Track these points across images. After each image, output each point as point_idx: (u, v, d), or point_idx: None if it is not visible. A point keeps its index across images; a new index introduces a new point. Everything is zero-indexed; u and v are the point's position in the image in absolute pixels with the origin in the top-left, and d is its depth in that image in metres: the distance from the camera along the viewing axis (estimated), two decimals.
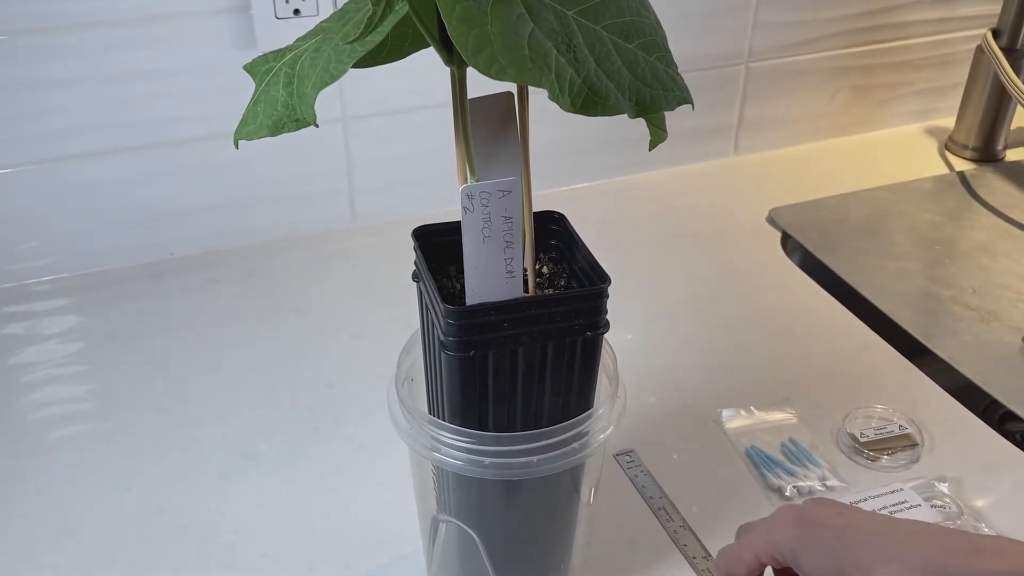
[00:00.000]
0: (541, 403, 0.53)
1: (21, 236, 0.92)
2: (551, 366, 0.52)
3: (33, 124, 0.87)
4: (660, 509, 0.69)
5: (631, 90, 0.42)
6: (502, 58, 0.39)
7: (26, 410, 0.79)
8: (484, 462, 0.52)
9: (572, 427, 0.53)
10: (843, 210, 1.07)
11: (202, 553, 0.67)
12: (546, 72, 0.40)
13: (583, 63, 0.41)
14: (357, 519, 0.69)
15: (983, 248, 1.01)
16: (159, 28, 0.87)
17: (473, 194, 0.47)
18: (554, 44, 0.40)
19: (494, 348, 0.50)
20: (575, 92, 0.40)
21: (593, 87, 0.41)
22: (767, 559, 0.50)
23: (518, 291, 0.50)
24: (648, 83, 0.42)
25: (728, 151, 1.17)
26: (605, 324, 0.52)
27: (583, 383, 0.54)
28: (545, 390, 0.53)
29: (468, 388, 0.51)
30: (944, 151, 1.20)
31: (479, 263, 0.49)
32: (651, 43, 0.43)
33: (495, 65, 0.39)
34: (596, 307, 0.51)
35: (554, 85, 0.40)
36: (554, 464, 0.53)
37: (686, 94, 0.44)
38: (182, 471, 0.73)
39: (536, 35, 0.40)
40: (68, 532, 0.68)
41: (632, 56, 0.42)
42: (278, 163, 0.97)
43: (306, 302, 0.91)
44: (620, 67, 0.41)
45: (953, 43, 1.20)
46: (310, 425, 0.77)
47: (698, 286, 0.94)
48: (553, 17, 0.41)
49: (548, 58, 0.40)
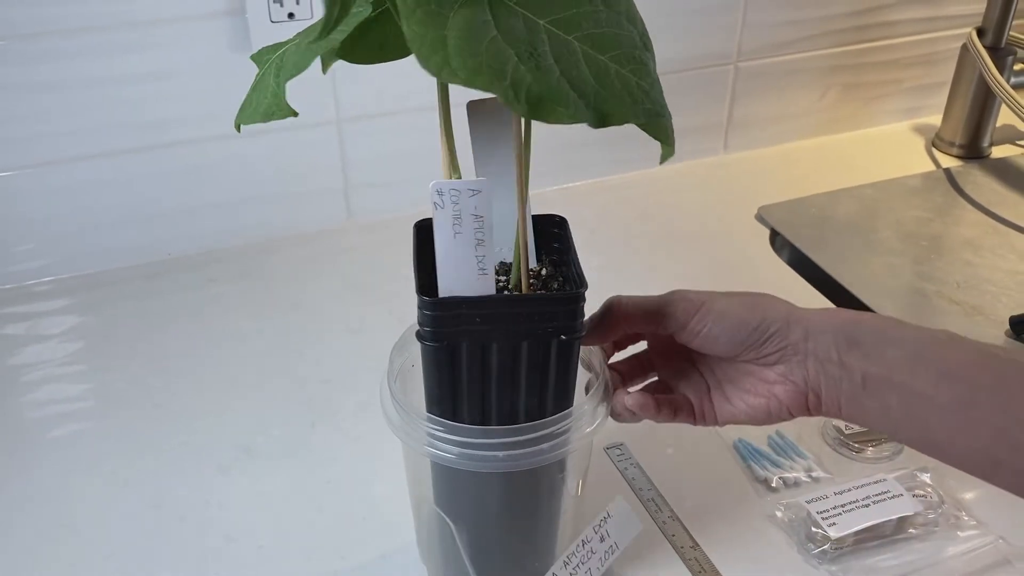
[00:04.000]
0: (516, 400, 0.54)
1: (20, 237, 0.93)
2: (526, 365, 0.52)
3: (32, 126, 0.88)
4: (649, 501, 0.71)
5: (596, 100, 0.42)
6: (453, 62, 0.40)
7: (26, 409, 0.80)
8: (473, 455, 0.53)
9: (545, 426, 0.54)
10: (831, 207, 1.08)
11: (200, 546, 0.68)
12: (500, 78, 0.40)
13: (546, 71, 0.41)
14: (353, 511, 0.70)
15: (968, 243, 1.03)
16: (155, 31, 0.88)
17: (443, 191, 0.47)
18: (516, 51, 0.40)
19: (466, 341, 0.51)
20: (532, 99, 0.40)
21: (553, 95, 0.41)
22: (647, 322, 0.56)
23: (490, 289, 0.51)
24: (616, 95, 0.42)
25: (718, 149, 1.18)
26: (580, 328, 0.52)
27: (559, 385, 0.54)
28: (520, 388, 0.53)
29: (441, 378, 0.52)
30: (931, 148, 1.22)
31: (451, 259, 0.50)
32: (626, 55, 0.43)
33: (446, 69, 0.40)
34: (572, 311, 0.52)
35: (508, 91, 0.40)
36: (528, 460, 0.54)
37: (658, 107, 0.44)
38: (180, 465, 0.74)
39: (497, 41, 0.40)
40: (67, 526, 0.69)
41: (602, 67, 0.42)
42: (274, 162, 0.98)
43: (302, 299, 0.93)
44: (587, 77, 0.42)
45: (939, 42, 1.22)
46: (307, 420, 0.78)
47: (688, 283, 0.94)
48: (521, 25, 0.41)
49: (506, 64, 0.40)
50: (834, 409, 0.54)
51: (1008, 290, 0.94)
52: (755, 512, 0.70)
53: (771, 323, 0.54)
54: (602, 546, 0.54)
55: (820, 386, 0.54)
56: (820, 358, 0.53)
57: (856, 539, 0.66)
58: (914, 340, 0.52)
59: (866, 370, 0.52)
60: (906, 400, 0.51)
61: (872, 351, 0.52)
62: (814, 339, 0.54)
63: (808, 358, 0.54)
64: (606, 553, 0.54)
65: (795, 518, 0.68)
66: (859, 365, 0.52)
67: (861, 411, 0.53)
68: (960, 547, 0.67)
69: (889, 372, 0.51)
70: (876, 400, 0.52)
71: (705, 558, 0.66)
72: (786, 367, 0.54)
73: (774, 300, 0.56)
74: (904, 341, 0.52)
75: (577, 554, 0.53)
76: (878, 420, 0.53)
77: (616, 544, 0.54)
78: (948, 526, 0.68)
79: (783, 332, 0.54)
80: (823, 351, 0.53)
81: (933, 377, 0.51)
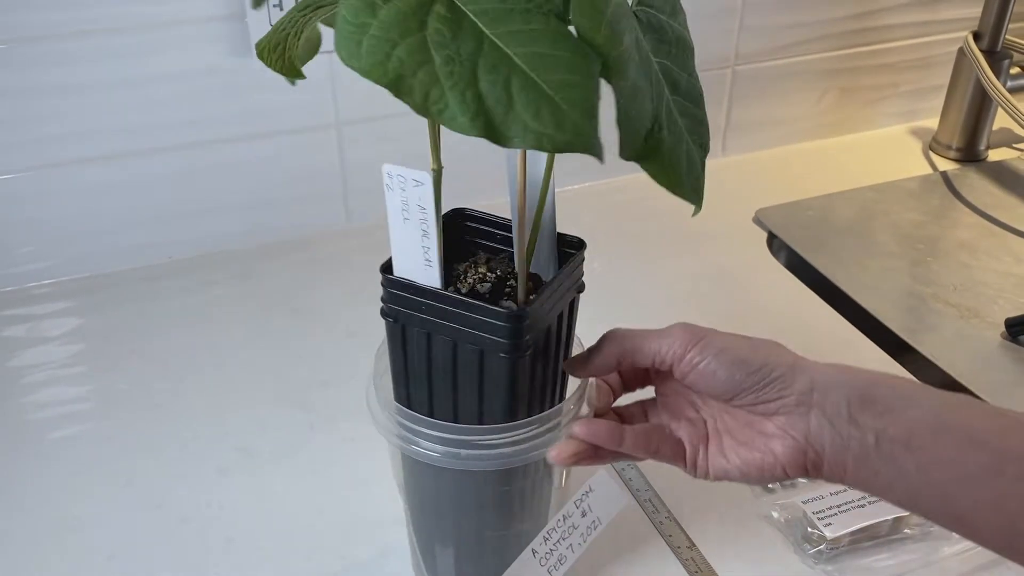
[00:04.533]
0: (456, 399, 0.54)
1: (22, 240, 0.93)
2: (464, 369, 0.52)
3: (33, 130, 0.89)
4: (646, 501, 0.71)
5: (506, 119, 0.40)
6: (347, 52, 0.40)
7: (27, 410, 0.80)
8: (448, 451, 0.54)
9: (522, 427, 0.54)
10: (828, 210, 1.09)
11: (200, 546, 0.68)
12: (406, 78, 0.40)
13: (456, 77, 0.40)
14: (352, 512, 0.71)
15: (965, 246, 1.03)
16: (156, 35, 0.88)
17: (392, 174, 0.48)
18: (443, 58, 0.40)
19: (413, 327, 0.52)
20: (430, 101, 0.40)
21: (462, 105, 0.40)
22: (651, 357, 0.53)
23: (434, 281, 0.51)
24: (537, 117, 0.40)
25: (715, 152, 1.19)
26: (517, 349, 0.51)
27: (498, 399, 0.53)
28: (458, 388, 0.53)
29: (395, 356, 0.54)
30: (928, 151, 1.22)
31: (401, 244, 0.50)
32: (568, 82, 0.40)
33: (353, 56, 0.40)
34: (513, 330, 0.50)
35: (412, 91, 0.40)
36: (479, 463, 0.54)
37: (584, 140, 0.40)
38: (181, 467, 0.75)
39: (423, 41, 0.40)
40: (69, 527, 0.70)
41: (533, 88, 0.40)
42: (274, 167, 0.98)
43: (301, 302, 0.93)
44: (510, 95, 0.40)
45: (936, 46, 1.23)
46: (305, 422, 0.79)
47: (685, 285, 0.96)
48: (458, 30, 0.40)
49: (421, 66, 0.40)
50: (838, 471, 0.50)
51: (1004, 292, 0.95)
52: (751, 512, 0.70)
53: (774, 367, 0.51)
54: (584, 521, 0.51)
55: (823, 444, 0.50)
56: (827, 413, 0.49)
57: (852, 539, 0.67)
58: (935, 402, 0.49)
59: (881, 430, 0.48)
60: (926, 466, 0.47)
61: (889, 410, 0.48)
62: (822, 392, 0.50)
63: (812, 411, 0.50)
64: (588, 528, 0.50)
65: (791, 518, 0.69)
66: (873, 424, 0.48)
67: (872, 475, 0.49)
68: (955, 547, 0.67)
69: (908, 434, 0.48)
70: (890, 465, 0.48)
71: (702, 558, 0.67)
72: (787, 419, 0.50)
73: (781, 347, 0.53)
74: (924, 402, 0.49)
75: (558, 529, 0.50)
76: (890, 486, 0.49)
77: (599, 519, 0.51)
78: None
79: (787, 379, 0.50)
80: (831, 406, 0.49)
81: (958, 442, 0.47)
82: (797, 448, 0.50)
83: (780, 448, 0.50)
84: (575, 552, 0.49)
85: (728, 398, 0.52)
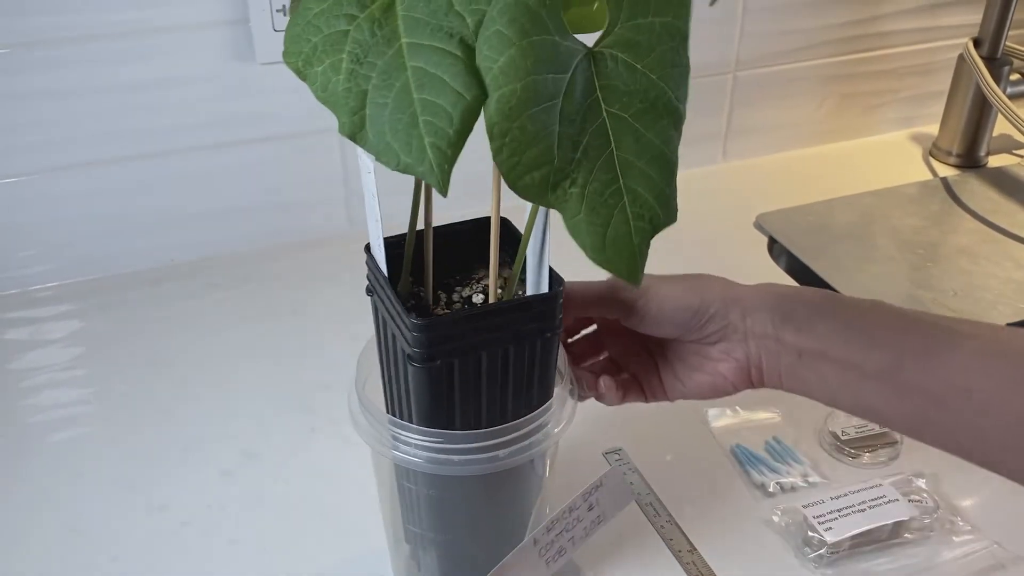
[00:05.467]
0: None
1: (23, 243, 0.93)
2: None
3: (36, 134, 0.89)
4: (647, 505, 0.71)
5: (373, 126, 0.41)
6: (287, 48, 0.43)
7: (29, 413, 0.80)
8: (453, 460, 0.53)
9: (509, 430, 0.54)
10: (829, 215, 1.09)
11: (203, 549, 0.68)
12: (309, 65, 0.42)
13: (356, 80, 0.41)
14: (354, 514, 0.71)
15: (965, 252, 1.03)
16: (159, 40, 0.89)
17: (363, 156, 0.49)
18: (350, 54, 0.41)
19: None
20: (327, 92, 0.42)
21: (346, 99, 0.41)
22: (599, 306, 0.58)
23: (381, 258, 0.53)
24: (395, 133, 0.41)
25: (716, 158, 1.19)
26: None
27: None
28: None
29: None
30: (928, 157, 1.23)
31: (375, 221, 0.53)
32: (435, 106, 0.40)
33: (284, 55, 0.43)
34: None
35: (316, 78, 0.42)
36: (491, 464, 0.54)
37: (424, 168, 0.40)
38: (183, 470, 0.75)
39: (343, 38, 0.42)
40: (72, 530, 0.70)
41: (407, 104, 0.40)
42: (277, 170, 0.99)
43: (304, 306, 0.93)
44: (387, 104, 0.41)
45: (936, 52, 1.23)
46: (307, 425, 0.79)
47: None
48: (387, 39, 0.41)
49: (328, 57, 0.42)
50: (775, 381, 0.57)
51: (1004, 298, 0.95)
52: (752, 516, 0.70)
53: (710, 304, 0.57)
54: (590, 515, 0.51)
55: (761, 361, 0.56)
56: (757, 335, 0.56)
57: (852, 544, 0.67)
58: (844, 312, 0.55)
59: (800, 344, 0.55)
60: (839, 371, 0.54)
61: (804, 325, 0.55)
62: (751, 317, 0.56)
63: (748, 336, 0.56)
64: (592, 523, 0.51)
65: (792, 522, 0.69)
66: (793, 339, 0.55)
67: (800, 383, 0.56)
68: (955, 552, 0.67)
69: (821, 344, 0.54)
70: (813, 372, 0.55)
71: (703, 562, 0.67)
72: (728, 344, 0.57)
73: (713, 280, 0.59)
74: (835, 313, 0.55)
75: (562, 520, 0.50)
76: (816, 390, 0.56)
77: (604, 514, 0.51)
78: (943, 531, 0.69)
79: (722, 313, 0.57)
80: (759, 328, 0.56)
81: (862, 346, 0.53)
82: (740, 367, 0.57)
83: (726, 369, 0.58)
84: (575, 546, 0.49)
85: (675, 336, 0.58)
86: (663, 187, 0.45)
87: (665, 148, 0.45)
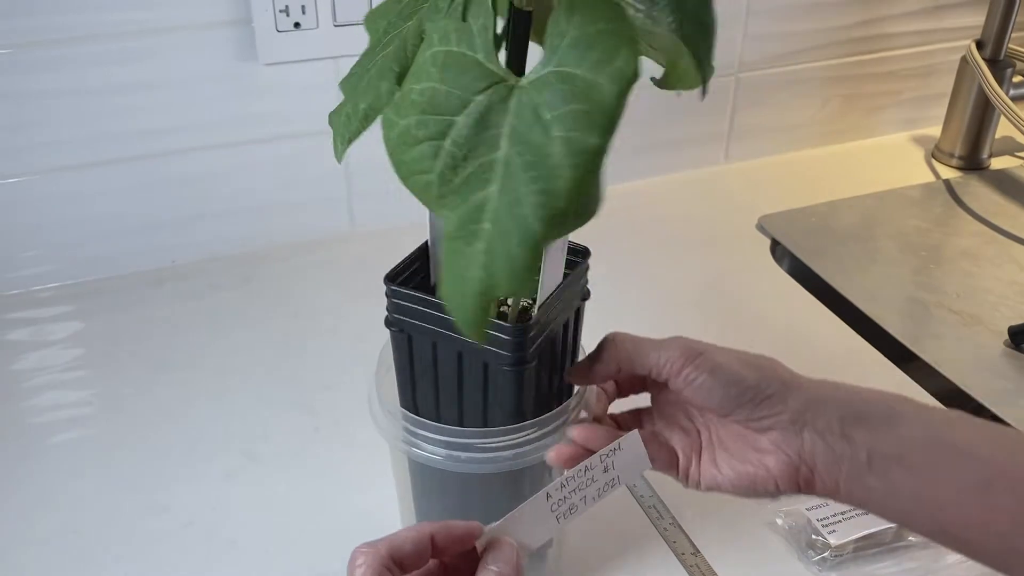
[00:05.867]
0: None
1: (25, 244, 0.93)
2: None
3: (37, 134, 0.89)
4: (651, 508, 0.71)
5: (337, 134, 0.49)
6: None
7: (30, 414, 0.80)
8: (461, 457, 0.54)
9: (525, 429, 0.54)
10: (831, 217, 1.09)
11: (205, 550, 0.68)
12: None
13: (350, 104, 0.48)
14: (357, 516, 0.71)
15: (967, 254, 1.03)
16: (161, 40, 0.88)
17: None
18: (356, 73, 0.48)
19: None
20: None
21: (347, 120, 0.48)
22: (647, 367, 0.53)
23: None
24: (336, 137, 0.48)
25: (719, 159, 1.19)
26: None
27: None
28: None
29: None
30: (930, 159, 1.22)
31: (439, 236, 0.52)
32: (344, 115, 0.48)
33: None
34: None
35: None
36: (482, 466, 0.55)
37: None
38: (185, 471, 0.75)
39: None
40: (74, 531, 0.70)
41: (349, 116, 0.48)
42: (278, 170, 0.98)
43: (306, 307, 0.93)
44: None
45: (938, 54, 1.23)
46: (310, 426, 0.79)
47: (689, 292, 0.96)
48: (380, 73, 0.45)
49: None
50: (831, 487, 0.50)
51: (1007, 300, 0.95)
52: (755, 519, 0.70)
53: (768, 384, 0.51)
54: (604, 476, 0.50)
55: (815, 460, 0.50)
56: (819, 430, 0.50)
57: (856, 546, 0.67)
58: (926, 418, 0.50)
59: (873, 446, 0.49)
60: (918, 482, 0.48)
61: (881, 426, 0.49)
62: (814, 409, 0.50)
63: (805, 428, 0.50)
64: (606, 485, 0.49)
65: (795, 525, 0.69)
66: (865, 440, 0.49)
67: (863, 491, 0.49)
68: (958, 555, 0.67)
69: (900, 450, 0.48)
70: (883, 481, 0.48)
71: (706, 565, 0.67)
72: (780, 435, 0.50)
73: (776, 364, 0.53)
74: (916, 418, 0.49)
75: (577, 479, 0.49)
76: (883, 503, 0.49)
77: (618, 478, 0.50)
78: None
79: (780, 396, 0.51)
80: (823, 423, 0.50)
81: (950, 457, 0.47)
82: (790, 464, 0.50)
83: (773, 463, 0.51)
84: (587, 505, 0.48)
85: (724, 414, 0.52)
86: (519, 254, 0.40)
87: (533, 219, 0.39)
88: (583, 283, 0.56)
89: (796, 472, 0.50)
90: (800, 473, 0.50)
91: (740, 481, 0.52)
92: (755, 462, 0.52)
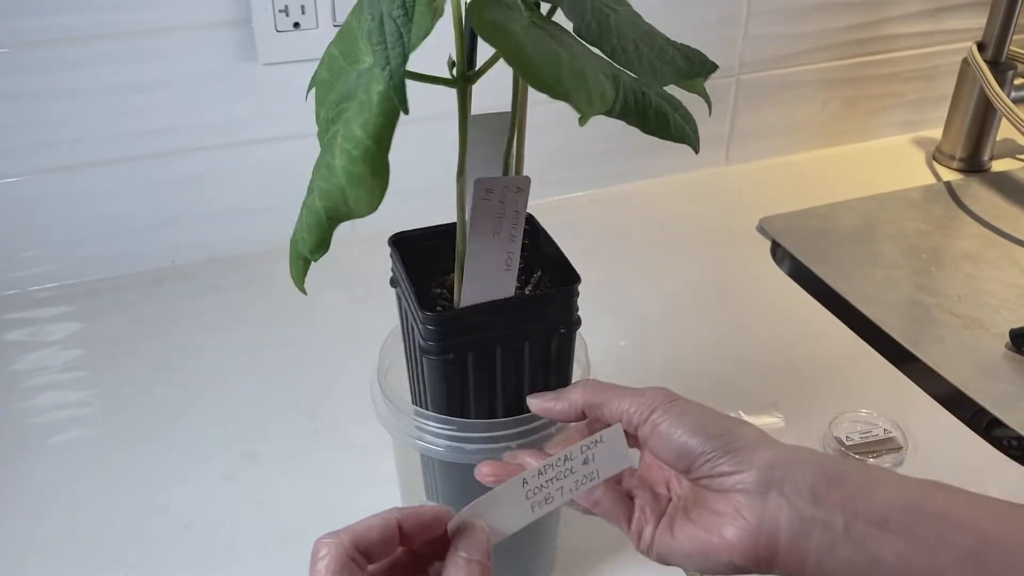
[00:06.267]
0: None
1: (24, 244, 0.93)
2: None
3: (36, 134, 0.89)
4: None
5: None
6: None
7: (29, 415, 0.80)
8: (466, 448, 0.55)
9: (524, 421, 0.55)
10: (832, 219, 1.09)
11: (204, 552, 0.68)
12: None
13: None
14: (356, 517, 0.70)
15: (968, 256, 1.03)
16: (161, 40, 0.88)
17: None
18: None
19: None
20: None
21: None
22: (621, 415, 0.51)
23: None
24: None
25: (719, 161, 1.19)
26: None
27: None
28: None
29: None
30: (931, 161, 1.22)
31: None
32: None
33: None
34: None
35: None
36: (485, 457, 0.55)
37: None
38: (184, 472, 0.74)
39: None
40: (73, 532, 0.69)
41: None
42: (278, 172, 0.98)
43: (305, 308, 0.93)
44: None
45: (940, 56, 1.23)
46: (309, 427, 0.79)
47: (689, 294, 0.96)
48: None
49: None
50: (795, 561, 0.45)
51: (1008, 303, 0.95)
52: None
53: (735, 439, 0.47)
54: (583, 469, 0.48)
55: (778, 531, 0.45)
56: (787, 494, 0.45)
57: None
58: (907, 483, 0.45)
59: (851, 509, 0.44)
60: (904, 552, 0.43)
61: (860, 489, 0.44)
62: (784, 468, 0.45)
63: (771, 491, 0.45)
64: (584, 478, 0.48)
65: None
66: (841, 503, 0.44)
67: (836, 564, 0.44)
68: None
69: (883, 515, 0.44)
70: (862, 552, 0.44)
71: None
72: (744, 498, 0.46)
73: (749, 425, 0.49)
74: (896, 483, 0.45)
75: (556, 467, 0.47)
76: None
77: (597, 472, 0.48)
78: None
79: (748, 451, 0.46)
80: (793, 485, 0.45)
81: (938, 525, 0.43)
82: (748, 532, 0.45)
83: (730, 531, 0.46)
84: (563, 497, 0.47)
85: (684, 467, 0.48)
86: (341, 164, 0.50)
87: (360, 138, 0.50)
88: (568, 310, 0.55)
89: (755, 542, 0.45)
90: (759, 544, 0.45)
91: (691, 548, 0.47)
92: (710, 527, 0.47)
